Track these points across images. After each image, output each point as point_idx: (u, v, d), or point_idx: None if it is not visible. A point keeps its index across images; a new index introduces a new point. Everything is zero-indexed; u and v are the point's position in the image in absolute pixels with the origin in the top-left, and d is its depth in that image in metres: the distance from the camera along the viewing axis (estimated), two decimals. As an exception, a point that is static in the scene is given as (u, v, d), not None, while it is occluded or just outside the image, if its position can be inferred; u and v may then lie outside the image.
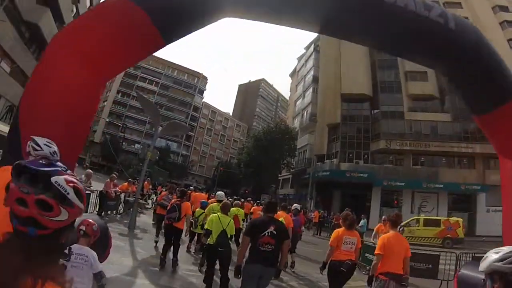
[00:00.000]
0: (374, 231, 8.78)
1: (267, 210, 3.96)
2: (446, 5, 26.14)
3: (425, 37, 4.48)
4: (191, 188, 15.80)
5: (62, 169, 0.90)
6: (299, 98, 43.21)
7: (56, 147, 2.10)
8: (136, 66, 55.06)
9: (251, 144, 46.48)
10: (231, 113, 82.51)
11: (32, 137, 2.06)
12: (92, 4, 24.56)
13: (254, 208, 12.23)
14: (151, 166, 25.66)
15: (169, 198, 7.94)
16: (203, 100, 67.56)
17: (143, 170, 10.52)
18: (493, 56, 4.76)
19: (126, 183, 12.78)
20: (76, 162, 4.04)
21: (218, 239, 4.68)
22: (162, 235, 6.97)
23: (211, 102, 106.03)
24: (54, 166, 0.89)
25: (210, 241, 4.76)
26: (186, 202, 6.67)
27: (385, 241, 3.95)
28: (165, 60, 63.34)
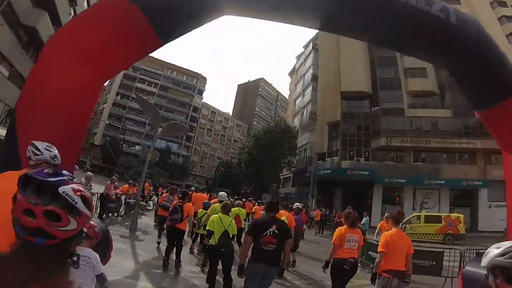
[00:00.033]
0: (377, 229, 8.74)
1: (269, 209, 3.93)
2: (444, 0, 26.05)
3: (426, 32, 4.45)
4: (192, 188, 15.83)
5: (68, 177, 0.89)
6: (299, 97, 43.23)
7: (56, 151, 2.07)
8: (135, 67, 55.18)
9: (252, 143, 46.45)
10: (231, 113, 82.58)
11: (32, 141, 2.03)
12: (89, 6, 24.53)
13: (255, 207, 12.17)
14: (152, 167, 25.71)
15: (170, 199, 7.92)
16: (203, 100, 67.62)
17: (144, 171, 10.49)
18: (494, 50, 4.72)
19: (126, 185, 12.77)
20: (76, 163, 4.01)
21: (220, 240, 4.66)
22: (165, 237, 6.96)
23: (211, 102, 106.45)
24: (60, 175, 0.89)
25: (212, 242, 4.74)
26: (188, 203, 6.66)
27: (387, 238, 3.94)
28: (163, 61, 63.41)
